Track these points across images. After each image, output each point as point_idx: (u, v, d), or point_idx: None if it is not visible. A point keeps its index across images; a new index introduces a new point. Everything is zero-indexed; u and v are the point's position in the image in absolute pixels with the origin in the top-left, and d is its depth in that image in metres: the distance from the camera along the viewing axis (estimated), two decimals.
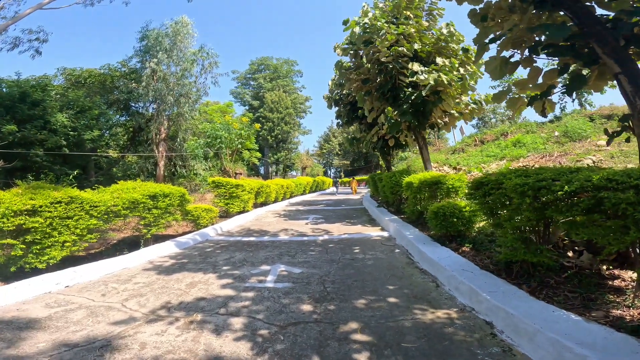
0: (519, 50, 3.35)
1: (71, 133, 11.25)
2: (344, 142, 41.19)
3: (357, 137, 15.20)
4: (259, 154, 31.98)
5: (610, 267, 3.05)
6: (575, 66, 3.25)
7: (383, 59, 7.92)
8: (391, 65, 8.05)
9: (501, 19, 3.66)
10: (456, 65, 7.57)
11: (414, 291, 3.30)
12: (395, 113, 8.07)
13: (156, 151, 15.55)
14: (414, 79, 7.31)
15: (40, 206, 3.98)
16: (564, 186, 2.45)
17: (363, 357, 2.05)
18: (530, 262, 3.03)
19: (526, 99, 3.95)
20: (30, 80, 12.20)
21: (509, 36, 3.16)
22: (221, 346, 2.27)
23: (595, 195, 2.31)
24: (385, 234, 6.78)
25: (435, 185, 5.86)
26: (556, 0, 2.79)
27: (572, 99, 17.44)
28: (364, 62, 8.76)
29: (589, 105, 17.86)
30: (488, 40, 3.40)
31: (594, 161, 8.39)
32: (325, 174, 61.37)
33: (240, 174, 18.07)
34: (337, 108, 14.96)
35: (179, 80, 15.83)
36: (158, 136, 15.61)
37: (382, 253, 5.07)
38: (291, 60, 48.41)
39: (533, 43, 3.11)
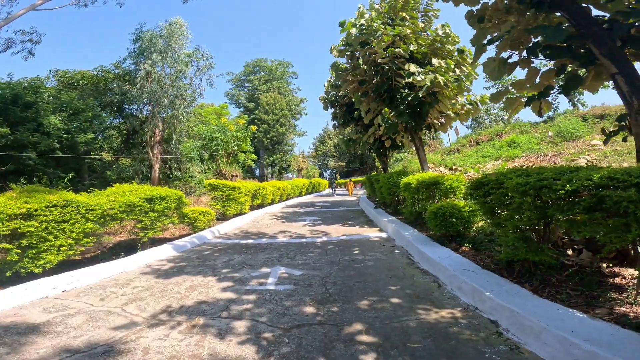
0: (516, 51, 3.39)
1: (64, 135, 11.08)
2: (339, 144, 41.27)
3: (353, 139, 15.24)
4: (254, 156, 31.88)
5: (610, 265, 3.09)
6: (572, 67, 3.30)
7: (379, 60, 7.96)
8: (387, 67, 8.10)
9: (498, 20, 3.71)
10: (452, 66, 7.64)
11: (416, 291, 3.30)
12: (392, 114, 8.11)
13: (151, 154, 15.39)
14: (411, 80, 7.36)
15: (36, 210, 3.90)
16: (566, 185, 2.47)
17: (370, 358, 2.04)
18: (532, 261, 3.05)
19: (523, 100, 4.00)
20: (23, 82, 12.00)
21: (506, 37, 3.19)
22: (226, 350, 2.24)
23: (596, 193, 2.33)
24: (383, 234, 6.79)
25: (434, 186, 5.89)
26: (553, 1, 2.83)
27: (569, 100, 17.70)
28: (361, 64, 8.80)
29: (581, 105, 18.16)
30: (486, 41, 3.44)
31: (589, 160, 8.52)
32: (321, 175, 61.43)
33: (236, 176, 17.99)
34: (333, 110, 14.99)
35: (173, 82, 15.71)
36: (153, 138, 15.46)
37: (382, 254, 5.07)
38: (286, 62, 48.44)
39: (531, 44, 3.14)
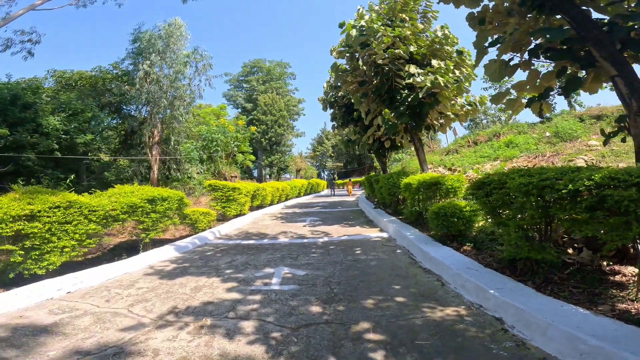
0: (518, 53, 3.44)
1: (63, 136, 11.02)
2: (338, 144, 41.32)
3: (352, 139, 15.29)
4: (252, 157, 31.84)
5: (610, 263, 3.14)
6: (572, 69, 3.36)
7: (379, 61, 8.01)
8: (387, 68, 8.15)
9: (499, 22, 3.76)
10: (451, 68, 7.71)
11: (420, 290, 3.34)
12: (392, 115, 8.16)
13: (150, 154, 15.34)
14: (411, 81, 7.41)
15: (39, 211, 3.90)
16: (568, 185, 2.52)
17: (379, 356, 2.07)
18: (534, 259, 3.10)
19: (524, 101, 4.05)
20: (21, 82, 11.93)
21: (508, 40, 3.24)
22: (235, 350, 2.25)
23: (598, 193, 2.38)
24: (384, 235, 6.83)
25: (435, 186, 5.94)
26: (554, 4, 2.88)
27: (570, 102, 17.87)
28: (361, 65, 8.85)
29: (578, 105, 18.37)
30: (488, 44, 3.49)
31: (586, 161, 8.62)
32: (319, 176, 61.48)
33: (236, 177, 17.98)
34: (332, 110, 15.03)
35: (172, 82, 15.68)
36: (151, 139, 15.41)
37: (384, 254, 5.11)
38: (284, 62, 48.36)
39: (532, 46, 3.20)
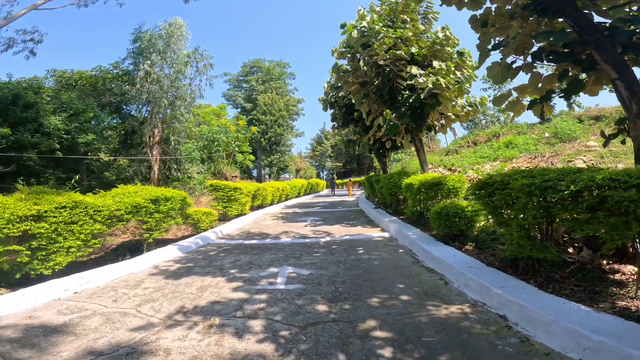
0: (520, 56, 3.49)
1: (64, 136, 11.02)
2: (338, 144, 41.42)
3: (353, 140, 15.35)
4: (252, 157, 31.87)
5: (610, 262, 3.21)
6: (574, 72, 3.41)
7: (381, 62, 8.06)
8: (389, 69, 8.21)
9: (501, 24, 3.82)
10: (452, 69, 7.77)
11: (424, 289, 3.39)
12: (394, 115, 8.22)
13: (150, 154, 15.35)
14: (413, 82, 7.47)
15: (45, 211, 3.92)
16: (570, 185, 2.58)
17: (387, 352, 2.12)
18: (536, 258, 3.16)
19: (525, 103, 4.11)
20: (21, 82, 11.91)
21: (512, 43, 3.30)
22: (246, 349, 2.29)
23: (599, 193, 2.44)
24: (386, 234, 6.88)
25: (437, 187, 6.00)
26: (557, 8, 2.94)
27: (569, 104, 17.99)
28: (362, 65, 8.90)
29: (577, 106, 18.50)
30: (491, 46, 3.54)
31: (585, 161, 8.70)
32: (318, 175, 61.55)
33: (236, 177, 18.01)
34: (333, 110, 15.07)
35: (173, 82, 15.70)
36: (152, 139, 15.42)
37: (387, 253, 5.16)
38: (284, 62, 48.38)
39: (535, 49, 3.25)
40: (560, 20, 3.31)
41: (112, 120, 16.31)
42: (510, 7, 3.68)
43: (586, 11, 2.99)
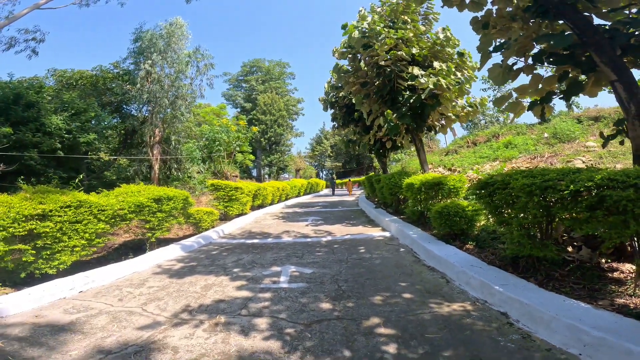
0: (521, 58, 3.54)
1: (66, 136, 11.04)
2: (338, 144, 41.45)
3: (353, 140, 15.40)
4: (252, 157, 31.90)
5: (609, 261, 3.26)
6: (574, 73, 3.46)
7: (382, 63, 8.11)
8: (389, 69, 8.25)
9: (502, 26, 3.87)
10: (452, 69, 7.82)
11: (426, 287, 3.44)
12: (395, 116, 8.26)
13: (151, 154, 15.37)
14: (414, 82, 7.52)
15: (51, 210, 3.95)
16: (569, 185, 2.63)
17: (392, 349, 2.17)
18: (536, 257, 3.22)
19: (526, 104, 4.16)
20: (22, 81, 11.92)
21: (513, 45, 3.34)
22: (252, 346, 2.33)
23: (597, 193, 2.50)
24: (387, 234, 6.93)
25: (437, 186, 6.05)
26: (558, 11, 2.98)
27: (569, 104, 18.07)
28: (362, 66, 8.95)
29: (576, 107, 18.59)
30: (493, 48, 3.59)
31: (584, 162, 8.76)
32: (317, 175, 61.59)
33: (237, 176, 18.04)
34: (333, 110, 15.11)
35: (173, 82, 15.71)
36: (152, 138, 15.44)
37: (388, 252, 5.21)
38: (283, 62, 48.47)
39: (536, 52, 3.30)
40: (561, 22, 3.36)
41: (113, 120, 16.32)
42: (511, 9, 3.73)
43: (586, 13, 3.04)
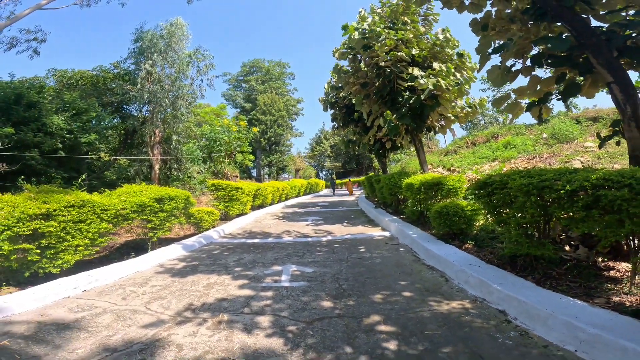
0: (520, 59, 3.59)
1: (67, 136, 11.08)
2: (338, 144, 41.53)
3: (353, 140, 15.46)
4: (252, 157, 31.94)
5: (605, 260, 3.31)
6: (571, 75, 3.51)
7: (382, 64, 8.16)
8: (389, 70, 8.30)
9: (501, 28, 3.92)
10: (452, 70, 7.87)
11: (426, 285, 3.49)
12: (394, 116, 8.31)
13: (151, 154, 15.40)
14: (414, 83, 7.56)
15: (55, 210, 3.99)
16: (566, 185, 2.68)
17: (392, 345, 2.22)
18: (534, 256, 3.27)
19: (524, 105, 4.21)
20: (23, 81, 11.95)
21: (512, 47, 3.39)
22: (255, 344, 2.37)
23: (593, 193, 2.55)
24: (386, 233, 6.98)
25: (437, 186, 6.10)
26: (556, 13, 3.03)
27: (567, 105, 18.16)
28: (363, 67, 9.00)
29: (574, 107, 18.66)
30: (492, 50, 3.64)
31: (582, 162, 8.82)
32: (317, 175, 61.67)
33: (237, 176, 18.08)
34: (333, 111, 15.17)
35: (174, 82, 15.76)
36: (153, 139, 15.48)
37: (388, 252, 5.26)
38: (283, 62, 48.50)
39: (534, 54, 3.35)
40: (559, 24, 3.41)
41: (113, 120, 16.35)
42: (510, 11, 3.78)
43: (584, 16, 3.09)
